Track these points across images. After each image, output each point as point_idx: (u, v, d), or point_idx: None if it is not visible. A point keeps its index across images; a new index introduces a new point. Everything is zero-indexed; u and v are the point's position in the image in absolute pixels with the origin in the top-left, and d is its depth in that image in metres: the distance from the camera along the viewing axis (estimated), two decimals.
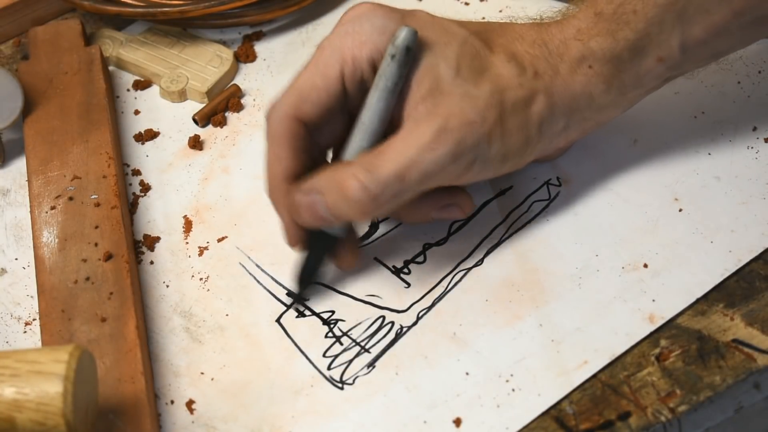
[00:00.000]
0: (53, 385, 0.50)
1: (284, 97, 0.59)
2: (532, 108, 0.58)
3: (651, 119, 0.68)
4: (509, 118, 0.58)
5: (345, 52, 0.58)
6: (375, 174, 0.55)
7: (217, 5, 0.75)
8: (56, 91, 0.71)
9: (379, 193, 0.56)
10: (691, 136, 0.67)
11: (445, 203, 0.62)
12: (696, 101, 0.69)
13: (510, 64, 0.58)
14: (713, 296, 0.60)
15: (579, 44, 0.59)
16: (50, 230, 0.64)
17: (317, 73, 0.58)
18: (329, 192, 0.57)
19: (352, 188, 0.55)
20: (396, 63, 0.56)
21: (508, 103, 0.57)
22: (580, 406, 0.57)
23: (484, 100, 0.57)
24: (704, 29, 0.58)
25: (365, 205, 0.56)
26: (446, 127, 0.56)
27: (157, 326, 0.62)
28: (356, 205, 0.56)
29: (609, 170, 0.66)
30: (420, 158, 0.56)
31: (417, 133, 0.56)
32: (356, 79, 0.58)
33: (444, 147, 0.56)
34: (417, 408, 0.57)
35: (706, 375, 0.57)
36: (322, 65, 0.58)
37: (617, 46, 0.59)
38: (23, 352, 0.52)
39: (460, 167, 0.57)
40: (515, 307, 0.61)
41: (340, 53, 0.58)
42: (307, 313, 0.62)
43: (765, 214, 0.63)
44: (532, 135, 0.59)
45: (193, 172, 0.70)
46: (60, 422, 0.51)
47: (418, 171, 0.56)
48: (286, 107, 0.59)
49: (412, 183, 0.56)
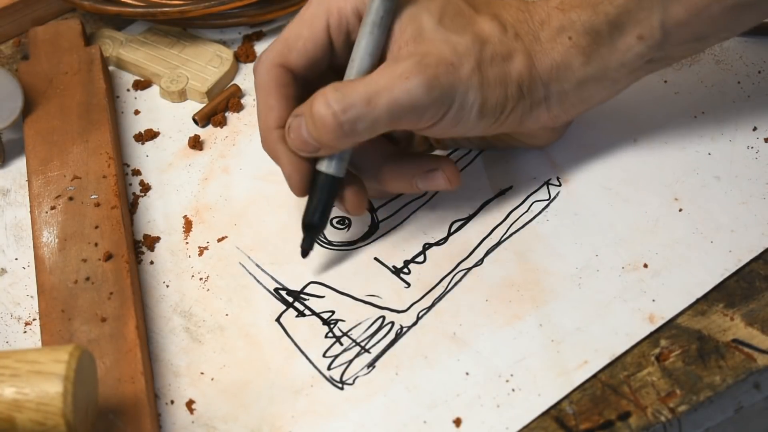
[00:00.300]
0: (53, 385, 0.50)
1: (271, 47, 0.61)
2: (512, 64, 0.59)
3: (651, 119, 0.68)
4: (488, 68, 0.58)
5: (331, 4, 0.59)
6: (343, 93, 0.56)
7: (217, 5, 0.75)
8: (56, 91, 0.71)
9: (341, 113, 0.56)
10: (691, 136, 0.67)
11: (429, 167, 0.62)
12: (696, 101, 0.69)
13: (492, 23, 0.59)
14: (713, 296, 0.60)
15: (560, 14, 0.60)
16: (50, 230, 0.64)
17: (303, 24, 0.60)
18: (306, 113, 0.58)
19: (317, 105, 0.57)
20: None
21: (487, 53, 0.58)
22: (580, 406, 0.57)
23: (464, 46, 0.58)
24: (686, 9, 0.59)
25: (329, 124, 0.56)
26: (422, 62, 0.57)
27: (157, 326, 0.62)
28: (320, 123, 0.57)
29: (609, 170, 0.66)
30: (390, 84, 0.56)
31: (392, 66, 0.57)
32: (342, 30, 0.59)
33: (417, 78, 0.56)
34: (417, 408, 0.57)
35: (706, 375, 0.57)
36: (308, 16, 0.60)
37: (596, 19, 0.59)
38: (23, 352, 0.52)
39: (432, 107, 0.57)
40: (515, 307, 0.61)
41: (326, 5, 0.59)
42: (307, 312, 0.62)
43: (765, 214, 0.63)
44: (511, 92, 0.59)
45: (193, 172, 0.70)
46: (60, 422, 0.51)
47: (388, 98, 0.56)
48: (273, 56, 0.60)
49: (380, 110, 0.56)
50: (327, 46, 0.60)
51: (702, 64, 0.71)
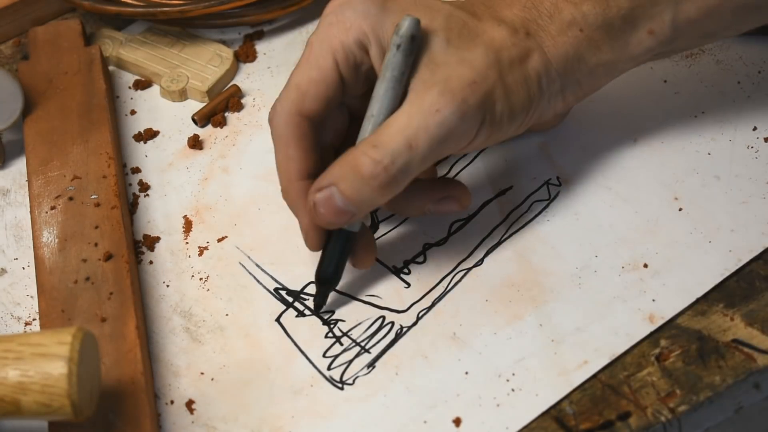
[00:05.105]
0: (57, 367, 0.51)
1: (284, 95, 0.59)
2: (529, 64, 0.58)
3: (651, 119, 0.68)
4: (508, 75, 0.58)
5: (333, 41, 0.58)
6: (384, 147, 0.55)
7: (217, 5, 0.75)
8: (56, 91, 0.71)
9: (391, 164, 0.55)
10: (691, 136, 0.67)
11: (442, 195, 0.62)
12: (696, 101, 0.69)
13: (501, 27, 0.58)
14: (713, 296, 0.60)
15: (571, 7, 0.59)
16: (50, 230, 0.64)
17: (312, 67, 0.59)
18: (343, 178, 0.56)
19: (364, 165, 0.55)
20: (402, 53, 0.56)
21: (505, 61, 0.58)
22: (580, 406, 0.57)
23: (481, 61, 0.57)
24: (697, 8, 0.59)
25: (381, 179, 0.55)
26: (447, 89, 0.56)
27: (157, 326, 0.62)
28: (372, 181, 0.55)
29: (609, 170, 0.66)
30: (426, 122, 0.55)
31: (418, 102, 0.56)
32: (350, 64, 0.58)
33: (448, 107, 0.55)
34: (417, 408, 0.57)
35: (706, 375, 0.57)
36: (315, 58, 0.58)
37: (609, 13, 0.59)
38: (26, 336, 0.53)
39: (468, 129, 0.57)
40: (515, 307, 0.61)
41: (329, 43, 0.58)
42: (307, 312, 0.62)
43: (765, 214, 0.63)
44: (534, 91, 0.59)
45: (193, 172, 0.70)
46: (65, 403, 0.51)
47: (427, 136, 0.55)
48: (289, 105, 0.59)
49: (423, 149, 0.55)
50: (339, 84, 0.59)
51: (702, 64, 0.71)
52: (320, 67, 0.58)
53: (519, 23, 0.59)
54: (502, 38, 0.58)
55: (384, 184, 0.56)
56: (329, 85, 0.58)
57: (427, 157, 0.56)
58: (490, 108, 0.57)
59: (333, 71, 0.58)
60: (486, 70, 0.57)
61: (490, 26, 0.58)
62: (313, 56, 0.58)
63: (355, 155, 0.56)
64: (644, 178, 0.66)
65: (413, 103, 0.56)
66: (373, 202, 0.57)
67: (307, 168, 0.59)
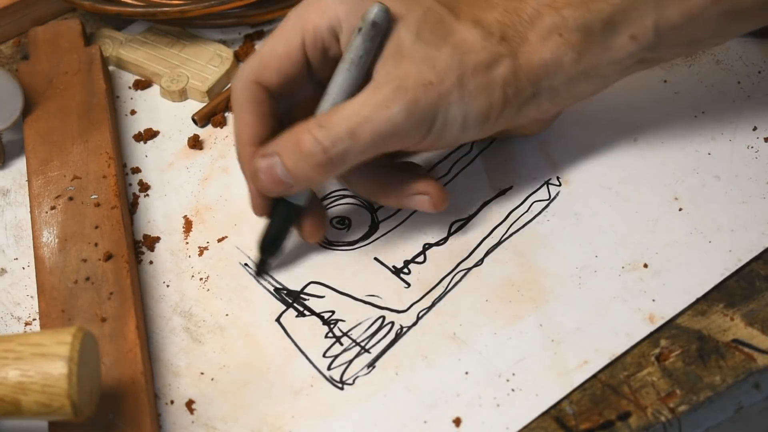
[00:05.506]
0: (57, 367, 0.51)
1: (248, 62, 0.60)
2: (496, 71, 0.58)
3: (651, 119, 0.68)
4: (470, 80, 0.58)
5: (307, 21, 0.59)
6: (328, 129, 0.56)
7: (217, 5, 0.75)
8: (56, 91, 0.71)
9: (331, 147, 0.56)
10: (691, 135, 0.67)
11: (417, 191, 0.62)
12: (696, 101, 0.69)
13: (475, 30, 0.58)
14: (713, 296, 0.60)
15: (552, 11, 0.59)
16: (50, 230, 0.64)
17: (279, 41, 0.60)
18: (285, 150, 0.58)
19: (305, 141, 0.57)
20: (361, 37, 0.57)
21: (469, 65, 0.58)
22: (580, 406, 0.57)
23: (444, 62, 0.57)
24: (680, 13, 0.59)
25: (318, 159, 0.57)
26: (402, 86, 0.56)
27: (157, 326, 0.62)
28: (311, 159, 0.57)
29: (609, 170, 0.66)
30: (373, 115, 0.56)
31: (374, 93, 0.57)
32: (317, 47, 0.59)
33: (397, 105, 0.56)
34: (417, 408, 0.57)
35: (706, 375, 0.57)
36: (285, 34, 0.60)
37: (590, 17, 0.59)
38: (26, 336, 0.53)
39: (414, 129, 0.57)
40: (515, 307, 0.61)
41: (302, 23, 0.59)
42: (307, 313, 0.62)
43: (765, 213, 0.63)
44: (495, 99, 0.59)
45: (193, 172, 0.70)
46: (65, 403, 0.51)
47: (371, 128, 0.56)
48: (248, 72, 0.60)
49: (364, 141, 0.57)
50: (303, 63, 0.60)
51: (702, 64, 0.71)
52: (287, 44, 0.59)
53: (496, 27, 0.59)
54: (473, 41, 0.58)
55: (320, 164, 0.57)
56: (293, 62, 0.60)
57: (368, 149, 0.57)
58: (443, 111, 0.57)
59: (298, 51, 0.59)
60: (446, 72, 0.57)
61: (465, 27, 0.58)
62: (284, 31, 0.60)
63: (300, 130, 0.57)
64: (644, 178, 0.66)
65: (369, 93, 0.57)
66: (310, 179, 0.58)
67: (259, 134, 0.60)
